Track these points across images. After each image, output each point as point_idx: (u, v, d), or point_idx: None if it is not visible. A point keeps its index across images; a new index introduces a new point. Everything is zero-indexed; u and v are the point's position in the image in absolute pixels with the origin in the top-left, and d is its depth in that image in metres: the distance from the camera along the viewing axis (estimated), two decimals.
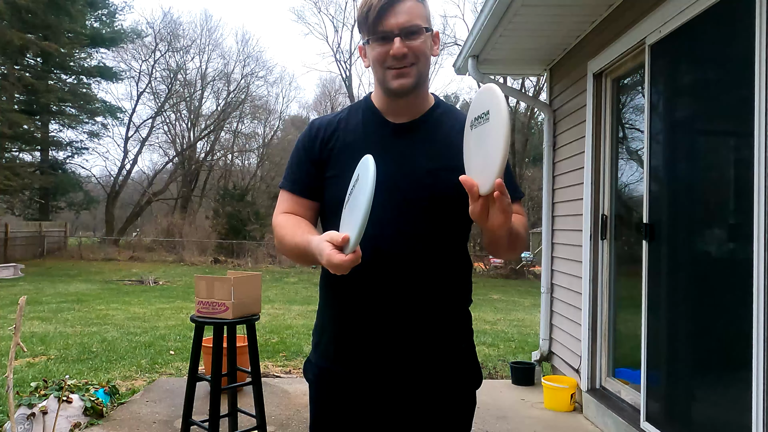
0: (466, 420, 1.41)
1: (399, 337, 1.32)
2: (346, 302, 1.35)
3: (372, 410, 1.36)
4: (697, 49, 2.86)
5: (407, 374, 1.34)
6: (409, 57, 1.29)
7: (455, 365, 1.38)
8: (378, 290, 1.31)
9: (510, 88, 13.68)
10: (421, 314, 1.32)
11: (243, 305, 3.10)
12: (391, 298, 1.31)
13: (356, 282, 1.32)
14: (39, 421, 3.30)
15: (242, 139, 31.98)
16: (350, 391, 1.36)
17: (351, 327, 1.35)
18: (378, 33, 1.28)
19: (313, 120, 1.45)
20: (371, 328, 1.32)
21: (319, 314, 1.45)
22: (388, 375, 1.34)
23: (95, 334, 6.90)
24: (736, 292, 2.47)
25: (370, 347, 1.33)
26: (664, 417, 3.07)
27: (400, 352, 1.32)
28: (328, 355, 1.39)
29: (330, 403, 1.39)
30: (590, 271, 4.02)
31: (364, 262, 1.31)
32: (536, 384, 4.76)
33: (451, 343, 1.38)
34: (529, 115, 23.99)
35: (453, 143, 1.31)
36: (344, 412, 1.37)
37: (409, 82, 1.30)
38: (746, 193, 2.37)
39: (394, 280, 1.30)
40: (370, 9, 1.27)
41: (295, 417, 3.90)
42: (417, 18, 1.29)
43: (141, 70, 28.60)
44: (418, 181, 1.30)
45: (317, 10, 44.91)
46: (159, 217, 26.32)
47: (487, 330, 8.01)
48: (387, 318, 1.31)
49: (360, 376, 1.35)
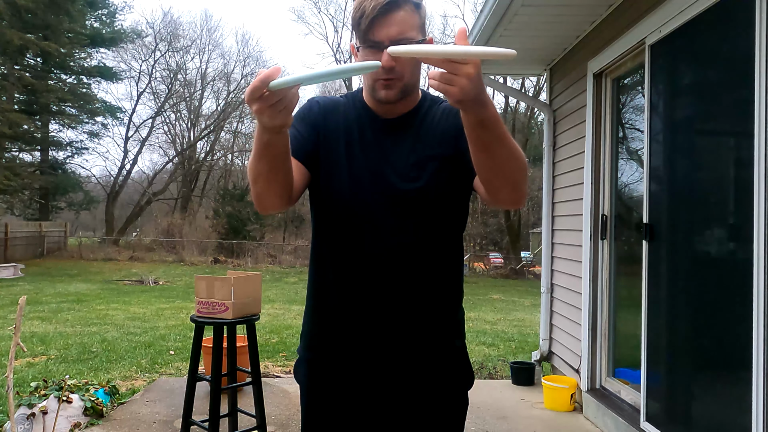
0: (458, 420, 1.40)
1: (388, 332, 1.32)
2: (334, 298, 1.35)
3: (363, 408, 1.36)
4: (697, 49, 2.86)
5: (397, 369, 1.33)
6: (398, 69, 1.26)
7: (447, 363, 1.38)
8: (367, 285, 1.31)
9: (510, 88, 13.68)
10: (411, 309, 1.32)
11: (243, 305, 3.10)
12: (379, 293, 1.31)
13: (345, 278, 1.32)
14: (39, 421, 3.30)
15: (242, 139, 32.00)
16: (341, 387, 1.36)
17: (341, 322, 1.35)
18: (368, 42, 1.26)
19: (313, 97, 1.44)
20: (360, 323, 1.33)
21: (307, 313, 1.44)
22: (378, 369, 1.34)
23: (95, 334, 6.90)
24: (736, 292, 2.47)
25: (359, 342, 1.33)
26: (664, 417, 3.07)
27: (389, 348, 1.32)
28: (317, 353, 1.39)
29: (320, 402, 1.39)
30: (590, 271, 4.02)
31: (353, 257, 1.32)
32: (536, 384, 4.76)
33: (443, 339, 1.37)
34: (529, 115, 24.00)
35: (438, 131, 1.32)
36: (335, 410, 1.37)
37: (395, 94, 1.29)
38: (746, 193, 2.37)
39: (383, 275, 1.30)
40: (362, 16, 1.24)
41: (295, 417, 3.90)
42: (410, 30, 1.25)
43: (141, 70, 28.67)
44: (405, 174, 1.30)
45: (317, 10, 44.95)
46: (159, 217, 26.33)
47: (487, 330, 8.00)
48: (376, 312, 1.31)
49: (350, 371, 1.34)
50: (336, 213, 1.33)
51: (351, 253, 1.32)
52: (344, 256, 1.33)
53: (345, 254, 1.33)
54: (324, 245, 1.38)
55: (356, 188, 1.31)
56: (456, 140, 1.29)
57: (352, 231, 1.32)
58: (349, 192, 1.31)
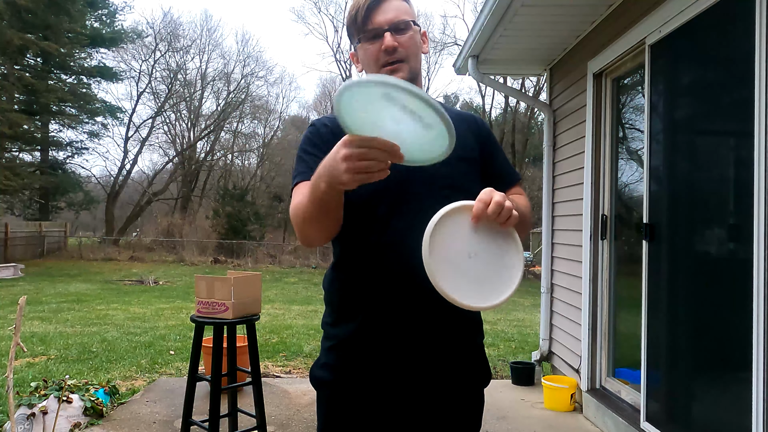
0: (477, 418, 1.40)
1: (422, 334, 1.29)
2: (368, 301, 1.31)
3: (385, 410, 1.33)
4: (697, 49, 2.86)
5: (424, 370, 1.31)
6: (400, 51, 1.30)
7: (468, 362, 1.37)
8: (401, 287, 1.27)
9: (510, 88, 13.69)
10: (441, 306, 1.30)
11: (243, 305, 3.10)
12: (414, 296, 1.27)
13: (379, 280, 1.28)
14: (39, 421, 3.30)
15: (242, 139, 32.03)
16: (364, 390, 1.33)
17: (374, 326, 1.31)
18: (368, 31, 1.31)
19: (318, 119, 1.42)
20: (396, 326, 1.29)
21: (336, 315, 1.38)
22: (404, 371, 1.31)
23: (95, 334, 6.90)
24: (736, 292, 2.47)
25: (393, 346, 1.30)
26: (664, 417, 3.07)
27: (421, 349, 1.30)
28: (349, 355, 1.34)
29: (342, 405, 1.35)
30: (590, 271, 4.02)
31: (381, 256, 1.29)
32: (536, 384, 4.76)
33: (468, 338, 1.37)
34: (529, 115, 24.01)
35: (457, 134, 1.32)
36: (357, 414, 1.33)
37: (403, 77, 1.30)
38: (746, 193, 2.37)
39: (414, 273, 1.28)
40: (357, 10, 1.31)
41: (295, 417, 3.90)
42: (404, 14, 1.32)
43: (141, 70, 28.66)
44: (435, 171, 1.23)
45: (317, 10, 44.93)
46: (159, 217, 26.34)
47: (487, 330, 8.00)
48: (411, 315, 1.28)
49: (380, 374, 1.31)
50: (368, 221, 1.29)
51: (388, 257, 1.28)
52: (373, 259, 1.30)
53: (382, 259, 1.29)
54: (357, 254, 1.33)
55: (380, 191, 1.26)
56: (480, 146, 1.38)
57: (383, 234, 1.28)
58: (378, 197, 1.28)
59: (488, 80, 5.10)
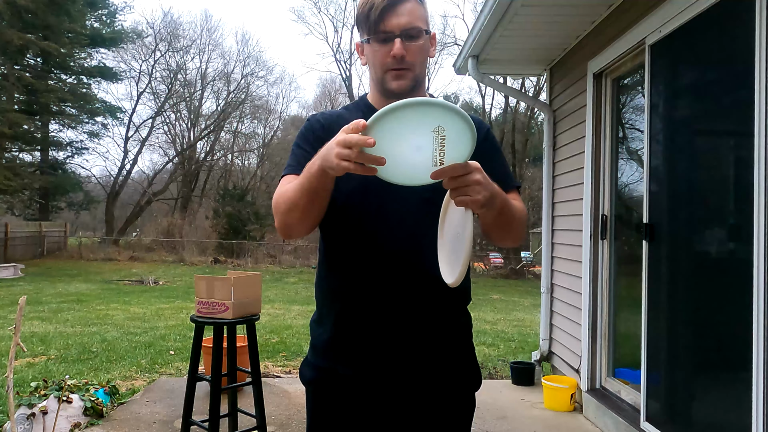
0: (466, 422, 1.40)
1: (402, 335, 1.31)
2: (347, 300, 1.34)
3: (371, 411, 1.35)
4: (697, 49, 2.86)
5: (409, 373, 1.33)
6: (408, 59, 1.29)
7: (456, 365, 1.38)
8: (380, 287, 1.30)
9: (510, 88, 13.69)
10: (427, 308, 1.31)
11: (243, 305, 3.10)
12: (393, 296, 1.30)
13: (358, 279, 1.31)
14: (39, 421, 3.30)
15: (242, 139, 32.03)
16: (350, 390, 1.34)
17: (353, 325, 1.33)
18: (379, 33, 1.29)
19: (313, 114, 1.43)
20: (374, 326, 1.31)
21: (318, 314, 1.43)
22: (389, 373, 1.32)
23: (95, 334, 6.90)
24: (736, 293, 2.47)
25: (373, 346, 1.32)
26: (664, 417, 3.07)
27: (402, 350, 1.32)
28: (329, 354, 1.37)
29: (328, 404, 1.37)
30: (590, 271, 4.02)
31: (366, 259, 1.31)
32: (536, 384, 4.76)
33: (454, 341, 1.38)
34: (529, 115, 24.01)
35: None
36: (343, 413, 1.35)
37: (407, 84, 1.31)
38: (746, 193, 2.37)
39: (399, 276, 1.29)
40: (372, 8, 1.28)
41: (295, 417, 3.90)
42: (418, 20, 1.30)
43: (141, 70, 28.66)
44: None
45: (317, 10, 44.91)
46: (159, 217, 26.33)
47: (487, 330, 8.00)
48: (390, 315, 1.30)
49: (361, 375, 1.33)
50: (349, 217, 1.31)
51: (368, 256, 1.30)
52: (360, 260, 1.31)
53: (361, 258, 1.31)
54: (338, 251, 1.35)
55: (367, 191, 1.28)
56: None
57: (368, 235, 1.30)
58: (361, 195, 1.29)
59: (488, 80, 5.10)
